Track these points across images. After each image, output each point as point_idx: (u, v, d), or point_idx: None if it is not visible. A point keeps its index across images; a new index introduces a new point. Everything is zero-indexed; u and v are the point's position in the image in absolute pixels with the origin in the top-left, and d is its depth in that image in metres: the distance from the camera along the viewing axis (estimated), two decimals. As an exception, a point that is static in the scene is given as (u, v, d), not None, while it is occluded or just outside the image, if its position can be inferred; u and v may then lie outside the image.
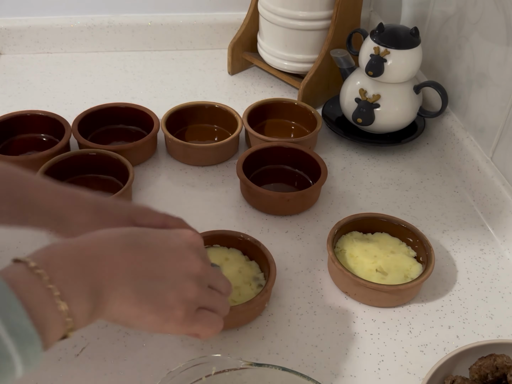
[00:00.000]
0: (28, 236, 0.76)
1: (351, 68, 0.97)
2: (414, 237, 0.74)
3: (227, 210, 0.83)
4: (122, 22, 1.16)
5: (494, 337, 0.67)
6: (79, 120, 0.90)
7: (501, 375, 0.58)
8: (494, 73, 0.81)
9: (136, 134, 0.94)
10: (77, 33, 1.16)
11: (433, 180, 0.91)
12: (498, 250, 0.79)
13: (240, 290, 0.68)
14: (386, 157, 0.95)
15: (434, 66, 0.99)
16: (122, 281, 0.42)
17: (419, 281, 0.68)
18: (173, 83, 1.11)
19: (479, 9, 0.84)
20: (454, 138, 0.91)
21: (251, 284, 0.68)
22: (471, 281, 0.74)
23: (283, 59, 1.05)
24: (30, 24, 1.14)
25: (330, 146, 0.96)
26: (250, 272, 0.70)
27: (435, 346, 0.66)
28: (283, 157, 0.87)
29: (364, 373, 0.63)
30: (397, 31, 0.89)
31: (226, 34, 1.19)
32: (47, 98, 1.04)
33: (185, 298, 0.46)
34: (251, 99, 1.04)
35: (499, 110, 0.80)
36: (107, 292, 0.41)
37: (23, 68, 1.13)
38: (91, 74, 1.12)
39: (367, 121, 0.92)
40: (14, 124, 0.90)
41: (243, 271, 0.70)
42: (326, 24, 0.99)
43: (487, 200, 0.82)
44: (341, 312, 0.69)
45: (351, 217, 0.75)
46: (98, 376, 0.61)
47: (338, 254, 0.73)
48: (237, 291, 0.68)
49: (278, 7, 0.99)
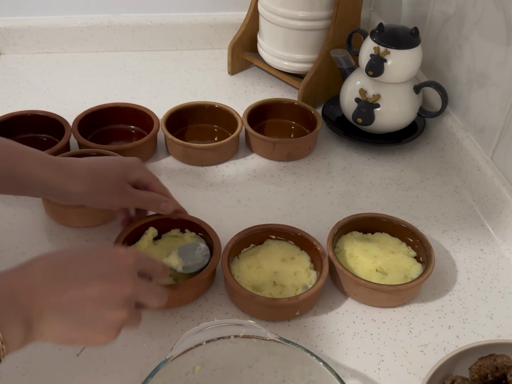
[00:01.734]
0: (28, 236, 0.77)
1: (351, 68, 0.97)
2: (414, 237, 0.74)
3: (227, 210, 0.83)
4: (122, 22, 1.16)
5: (494, 337, 0.67)
6: (79, 120, 0.90)
7: (501, 375, 0.58)
8: (494, 73, 0.81)
9: (136, 134, 0.94)
10: (77, 33, 1.16)
11: (433, 180, 0.91)
12: (498, 250, 0.79)
13: (283, 290, 0.68)
14: (386, 157, 0.95)
15: (434, 66, 0.99)
16: (50, 313, 0.46)
17: (419, 281, 0.68)
18: (173, 83, 1.11)
19: (479, 9, 0.84)
20: (454, 138, 0.91)
21: (298, 289, 0.68)
22: (471, 281, 0.74)
23: (283, 59, 1.05)
24: (30, 24, 1.14)
25: (330, 146, 0.96)
26: (304, 280, 0.70)
27: (435, 346, 0.66)
28: None
29: (364, 373, 0.63)
30: (397, 31, 0.89)
31: (226, 34, 1.19)
32: (47, 98, 1.04)
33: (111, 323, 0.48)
34: (251, 99, 1.04)
35: (499, 110, 0.80)
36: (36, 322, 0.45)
37: (23, 68, 1.13)
38: (91, 74, 1.12)
39: (367, 121, 0.92)
40: (14, 124, 0.90)
41: (298, 275, 0.70)
42: (326, 24, 0.99)
43: (487, 200, 0.82)
44: (341, 312, 0.69)
45: (351, 217, 0.75)
46: (98, 376, 0.61)
47: (338, 254, 0.73)
48: (280, 289, 0.68)
49: (278, 7, 0.99)
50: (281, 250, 0.73)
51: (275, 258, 0.72)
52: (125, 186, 0.68)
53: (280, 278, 0.69)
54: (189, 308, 0.68)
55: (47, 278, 0.46)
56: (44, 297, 0.45)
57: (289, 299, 0.65)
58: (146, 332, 0.65)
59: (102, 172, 0.67)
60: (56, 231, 0.78)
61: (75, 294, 0.47)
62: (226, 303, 0.69)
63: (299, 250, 0.73)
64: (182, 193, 0.85)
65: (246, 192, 0.86)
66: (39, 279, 0.46)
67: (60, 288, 0.46)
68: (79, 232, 0.77)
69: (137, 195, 0.69)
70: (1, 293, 0.43)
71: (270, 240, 0.74)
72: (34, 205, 0.81)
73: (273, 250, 0.73)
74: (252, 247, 0.73)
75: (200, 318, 0.68)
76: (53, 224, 0.79)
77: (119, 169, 0.68)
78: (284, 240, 0.74)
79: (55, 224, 0.79)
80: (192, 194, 0.85)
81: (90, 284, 0.47)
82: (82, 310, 0.47)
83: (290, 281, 0.69)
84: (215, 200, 0.85)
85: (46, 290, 0.46)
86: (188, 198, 0.84)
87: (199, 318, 0.68)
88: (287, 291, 0.68)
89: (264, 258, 0.72)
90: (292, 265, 0.71)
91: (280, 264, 0.71)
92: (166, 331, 0.66)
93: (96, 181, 0.66)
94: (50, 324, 0.46)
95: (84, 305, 0.47)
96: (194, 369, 0.57)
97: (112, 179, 0.67)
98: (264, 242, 0.74)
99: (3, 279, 0.45)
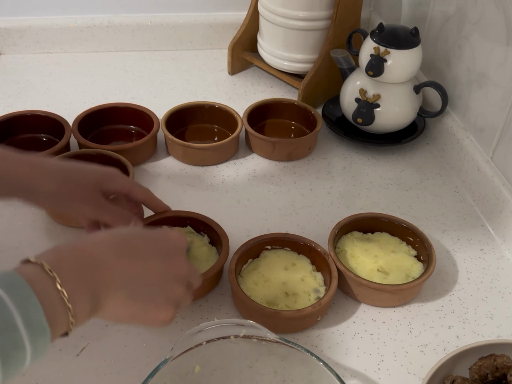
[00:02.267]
0: (28, 236, 0.77)
1: (351, 68, 0.97)
2: (414, 236, 0.74)
3: (227, 210, 0.83)
4: (122, 22, 1.16)
5: (494, 337, 0.67)
6: (79, 120, 0.90)
7: (501, 375, 0.58)
8: (494, 73, 0.81)
9: (136, 134, 0.94)
10: (77, 33, 1.16)
11: (433, 180, 0.91)
12: (498, 250, 0.79)
13: (298, 299, 0.67)
14: (386, 157, 0.95)
15: (434, 66, 0.99)
16: (116, 287, 0.46)
17: (421, 280, 0.68)
18: (173, 83, 1.11)
19: (479, 9, 0.84)
20: (454, 138, 0.91)
21: (310, 294, 0.68)
22: (471, 281, 0.74)
23: (283, 59, 1.05)
24: (30, 24, 1.14)
25: (330, 146, 0.96)
26: (313, 283, 0.69)
27: (435, 346, 0.66)
28: None
29: (364, 373, 0.63)
30: (397, 31, 0.89)
31: (226, 34, 1.19)
32: (47, 98, 1.04)
33: (171, 299, 0.50)
34: (251, 99, 1.04)
35: (499, 110, 0.80)
36: (103, 296, 0.45)
37: (23, 68, 1.13)
38: (91, 74, 1.12)
39: (367, 121, 0.92)
40: (14, 124, 0.90)
41: (306, 280, 0.69)
42: (326, 24, 0.99)
43: (487, 200, 0.82)
44: (341, 312, 0.69)
45: (351, 217, 0.75)
46: (98, 376, 0.61)
47: (339, 254, 0.73)
48: (294, 298, 0.68)
49: (278, 7, 0.99)
50: (280, 259, 0.72)
51: (277, 268, 0.71)
52: (99, 197, 0.65)
53: (290, 287, 0.69)
54: (189, 308, 0.68)
55: (115, 253, 0.47)
56: (112, 271, 0.46)
57: (313, 307, 0.64)
58: (146, 332, 0.65)
59: (76, 176, 0.64)
60: (56, 231, 0.78)
61: (141, 269, 0.48)
62: (226, 303, 0.69)
63: (297, 255, 0.73)
64: (182, 193, 0.85)
65: (246, 192, 0.86)
66: (107, 254, 0.47)
67: (126, 262, 0.47)
68: (79, 232, 0.77)
69: (109, 210, 0.65)
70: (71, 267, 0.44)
71: (266, 251, 0.73)
72: (34, 205, 0.81)
73: (273, 261, 0.71)
74: (250, 262, 0.72)
75: (200, 318, 0.68)
76: (53, 224, 0.79)
77: (95, 177, 0.65)
78: (280, 248, 0.73)
79: (55, 224, 0.79)
80: (192, 194, 0.85)
81: (152, 260, 0.49)
82: (146, 285, 0.48)
83: (301, 287, 0.69)
84: (215, 200, 0.85)
85: (114, 264, 0.46)
86: (188, 198, 0.84)
87: (199, 318, 0.68)
88: (301, 299, 0.68)
89: (267, 271, 0.70)
90: (296, 271, 0.70)
91: (285, 273, 0.70)
92: (166, 331, 0.65)
93: (68, 184, 0.62)
94: (115, 299, 0.46)
95: (148, 280, 0.48)
96: (194, 369, 0.57)
97: (86, 185, 0.64)
98: (261, 254, 0.72)
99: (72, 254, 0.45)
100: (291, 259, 0.72)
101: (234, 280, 0.66)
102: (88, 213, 0.65)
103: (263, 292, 0.68)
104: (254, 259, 0.72)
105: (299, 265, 0.71)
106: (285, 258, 0.72)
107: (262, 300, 0.67)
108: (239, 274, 0.70)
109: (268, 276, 0.70)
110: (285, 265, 0.71)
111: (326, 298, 0.65)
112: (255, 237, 0.72)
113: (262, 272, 0.70)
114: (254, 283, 0.69)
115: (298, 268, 0.71)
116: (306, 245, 0.72)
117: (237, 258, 0.69)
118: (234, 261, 0.69)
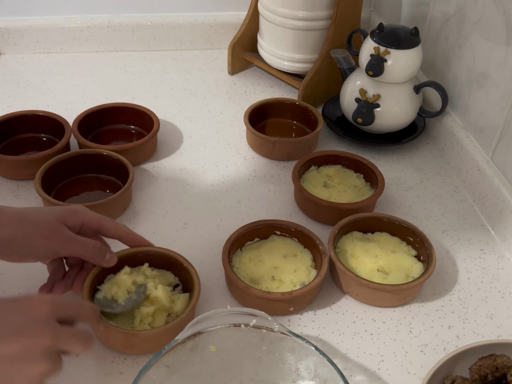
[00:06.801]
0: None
1: (351, 68, 0.97)
2: (414, 236, 0.74)
3: (227, 210, 0.83)
4: (122, 22, 1.16)
5: (494, 337, 0.67)
6: (79, 120, 0.89)
7: (501, 375, 0.58)
8: (494, 73, 0.81)
9: (136, 134, 0.94)
10: (77, 33, 1.16)
11: (433, 180, 0.91)
12: (498, 250, 0.79)
13: (281, 285, 0.69)
14: (386, 157, 0.95)
15: (434, 66, 0.99)
16: None
17: (421, 280, 0.68)
18: (173, 83, 1.11)
19: (479, 9, 0.84)
20: (454, 138, 0.91)
21: (295, 286, 0.68)
22: (471, 281, 0.74)
23: (283, 59, 1.05)
24: (30, 24, 1.14)
25: (330, 146, 0.96)
26: (303, 277, 0.69)
27: (435, 346, 0.66)
28: None
29: (364, 373, 0.63)
30: (397, 31, 0.89)
31: (226, 34, 1.19)
32: (47, 98, 1.04)
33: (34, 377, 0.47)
34: (251, 99, 1.04)
35: (499, 110, 0.80)
36: None
37: (23, 68, 1.13)
38: (91, 74, 1.12)
39: (367, 121, 0.92)
40: (14, 124, 0.89)
41: (298, 272, 0.70)
42: (326, 24, 0.99)
43: (487, 200, 0.82)
44: (341, 312, 0.69)
45: (351, 217, 0.75)
46: (98, 376, 0.61)
47: (339, 254, 0.73)
48: (277, 284, 0.69)
49: (278, 7, 0.99)
50: (285, 247, 0.73)
51: (277, 253, 0.72)
52: (63, 229, 0.59)
53: (279, 273, 0.70)
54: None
55: None
56: None
57: (283, 294, 0.65)
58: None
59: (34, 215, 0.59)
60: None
61: None
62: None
63: (302, 248, 0.73)
64: (182, 193, 0.85)
65: (246, 192, 0.86)
66: None
67: None
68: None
69: (79, 240, 0.60)
70: None
71: (275, 235, 0.74)
72: (33, 205, 0.81)
73: (277, 246, 0.73)
74: (257, 241, 0.74)
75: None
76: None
77: (56, 213, 0.60)
78: (289, 236, 0.74)
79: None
80: (192, 194, 0.85)
81: (5, 341, 0.46)
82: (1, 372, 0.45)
83: (289, 277, 0.69)
84: (215, 200, 0.85)
85: None
86: (188, 198, 0.84)
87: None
88: (284, 287, 0.68)
89: (266, 253, 0.72)
90: (293, 262, 0.71)
91: (282, 260, 0.71)
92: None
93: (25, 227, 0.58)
94: None
95: (2, 364, 0.45)
96: (210, 348, 0.57)
97: (47, 223, 0.59)
98: (269, 237, 0.74)
99: None
100: (295, 250, 0.73)
101: (226, 249, 0.69)
102: (55, 248, 0.60)
103: (252, 270, 0.70)
104: (261, 240, 0.74)
105: (300, 257, 0.72)
106: (290, 247, 0.73)
107: (247, 275, 0.69)
108: (240, 248, 0.72)
109: (264, 258, 0.71)
110: (286, 253, 0.72)
111: (299, 291, 0.66)
112: (266, 219, 0.75)
113: (261, 252, 0.72)
114: (249, 259, 0.71)
115: (297, 260, 0.71)
116: (312, 240, 0.72)
117: (240, 232, 0.72)
118: (236, 234, 0.71)
